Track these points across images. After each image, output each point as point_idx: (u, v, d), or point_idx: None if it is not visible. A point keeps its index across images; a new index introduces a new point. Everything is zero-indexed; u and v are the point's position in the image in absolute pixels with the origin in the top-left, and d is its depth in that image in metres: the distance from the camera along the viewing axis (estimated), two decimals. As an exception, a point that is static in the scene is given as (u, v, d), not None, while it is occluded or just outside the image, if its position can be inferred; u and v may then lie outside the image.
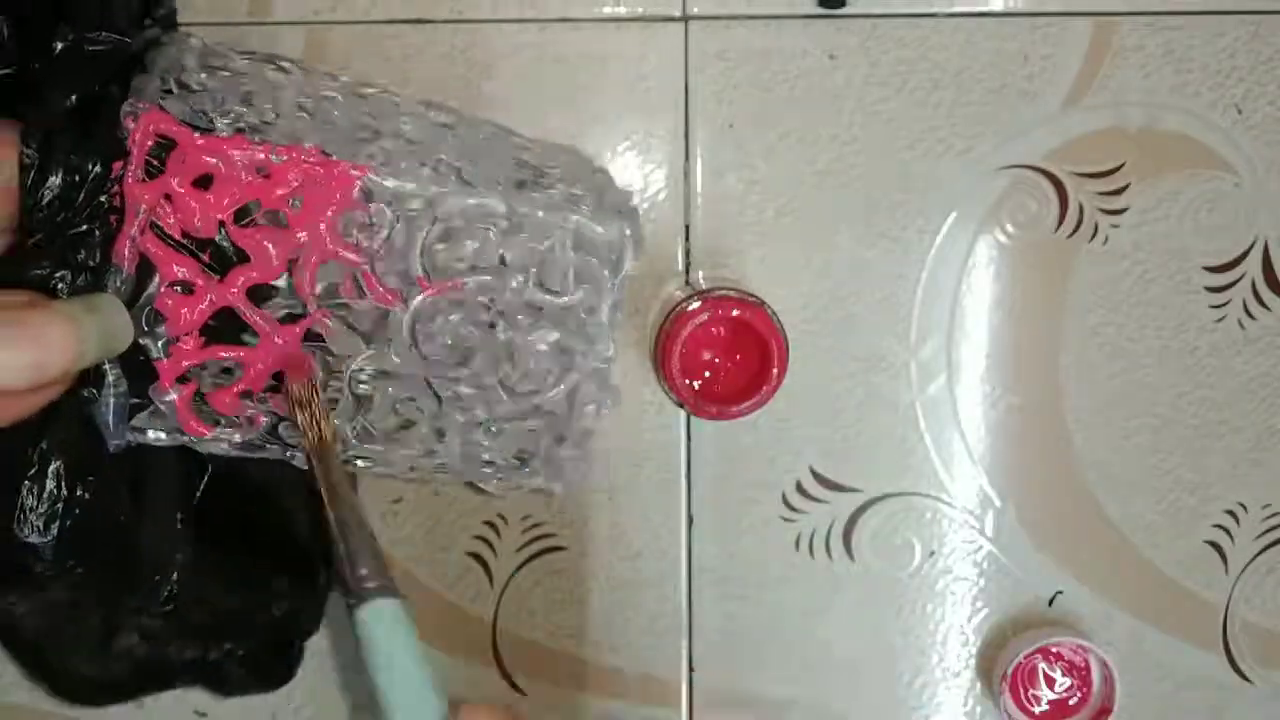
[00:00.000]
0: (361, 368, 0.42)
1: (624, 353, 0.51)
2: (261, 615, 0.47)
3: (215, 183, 0.40)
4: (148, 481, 0.43)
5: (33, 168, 0.37)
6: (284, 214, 0.41)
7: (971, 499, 0.53)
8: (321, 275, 0.41)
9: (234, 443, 0.42)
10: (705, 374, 0.48)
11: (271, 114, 0.40)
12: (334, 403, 0.43)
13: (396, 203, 0.41)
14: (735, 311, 0.47)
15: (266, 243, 0.41)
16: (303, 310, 0.42)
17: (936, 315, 0.52)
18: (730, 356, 0.49)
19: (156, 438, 0.42)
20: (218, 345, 0.41)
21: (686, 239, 0.51)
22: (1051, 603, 0.54)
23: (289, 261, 0.41)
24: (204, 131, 0.39)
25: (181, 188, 0.39)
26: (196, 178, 0.40)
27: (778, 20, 0.51)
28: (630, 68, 0.51)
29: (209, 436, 0.42)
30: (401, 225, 0.41)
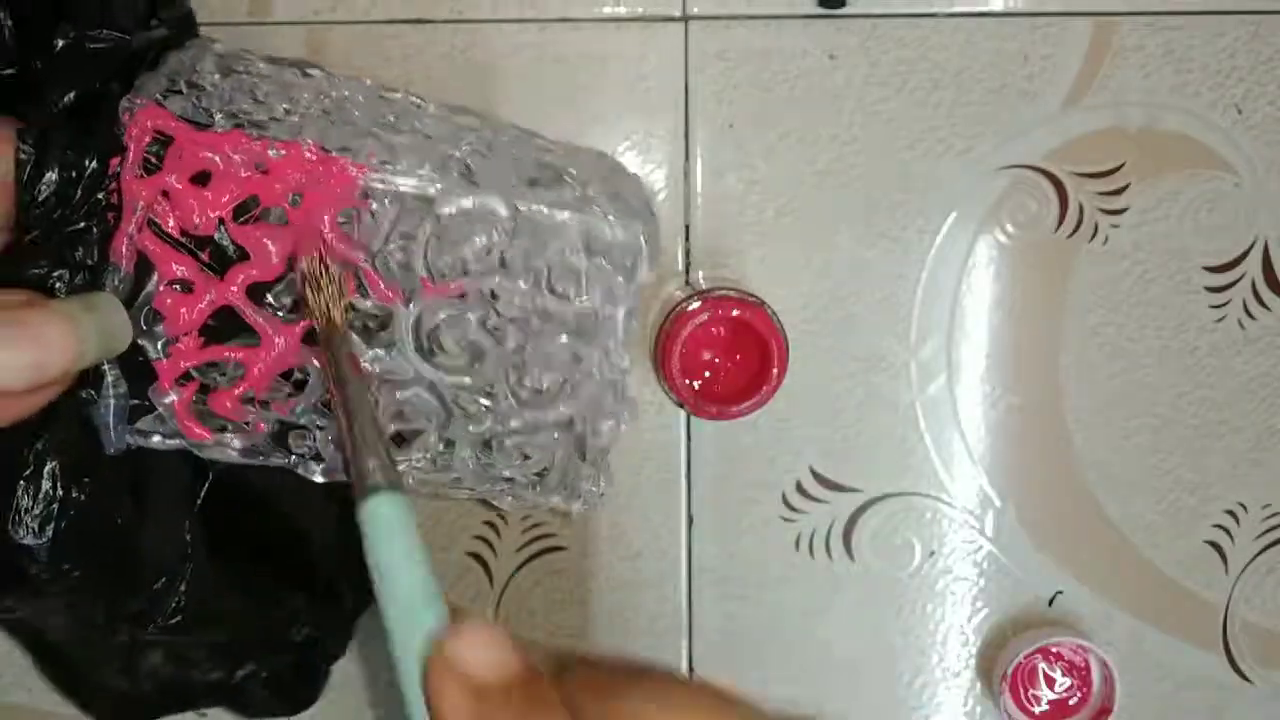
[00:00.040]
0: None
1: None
2: (280, 633, 0.47)
3: (213, 179, 0.39)
4: (150, 485, 0.42)
5: (29, 164, 0.36)
6: (284, 210, 0.40)
7: (971, 499, 0.53)
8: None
9: (236, 449, 0.41)
10: (705, 374, 0.48)
11: (282, 111, 0.40)
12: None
13: (397, 200, 0.41)
14: (735, 311, 0.47)
15: (266, 240, 0.40)
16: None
17: (936, 315, 0.52)
18: (730, 356, 0.49)
19: (159, 442, 0.41)
20: (218, 345, 0.41)
21: (686, 239, 0.51)
22: (1051, 603, 0.54)
23: (289, 259, 0.40)
24: (202, 127, 0.39)
25: (179, 184, 0.39)
26: (194, 174, 0.39)
27: (778, 20, 0.51)
28: (630, 68, 0.51)
29: (210, 441, 0.41)
30: (402, 223, 0.41)
